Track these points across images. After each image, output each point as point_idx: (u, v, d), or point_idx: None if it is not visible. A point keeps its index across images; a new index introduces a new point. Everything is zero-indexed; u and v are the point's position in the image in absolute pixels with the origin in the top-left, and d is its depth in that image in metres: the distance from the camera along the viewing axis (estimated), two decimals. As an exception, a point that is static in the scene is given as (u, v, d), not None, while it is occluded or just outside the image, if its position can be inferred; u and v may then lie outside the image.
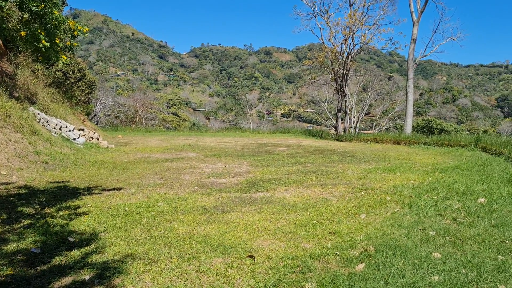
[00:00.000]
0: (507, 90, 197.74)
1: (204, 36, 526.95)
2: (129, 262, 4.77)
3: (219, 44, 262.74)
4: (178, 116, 72.09)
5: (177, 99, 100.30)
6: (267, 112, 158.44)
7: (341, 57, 33.85)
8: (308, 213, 7.04)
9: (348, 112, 40.71)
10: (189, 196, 8.56)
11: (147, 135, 30.99)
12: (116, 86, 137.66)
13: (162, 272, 4.53)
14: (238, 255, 5.01)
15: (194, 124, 63.74)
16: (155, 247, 5.33)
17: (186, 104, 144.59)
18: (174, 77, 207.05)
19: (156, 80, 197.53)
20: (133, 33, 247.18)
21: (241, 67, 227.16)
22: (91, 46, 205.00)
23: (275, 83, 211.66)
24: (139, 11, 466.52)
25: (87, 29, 6.49)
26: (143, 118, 53.62)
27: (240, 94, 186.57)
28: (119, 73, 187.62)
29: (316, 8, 34.74)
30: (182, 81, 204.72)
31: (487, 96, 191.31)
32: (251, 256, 4.95)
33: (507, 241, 5.35)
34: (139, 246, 5.34)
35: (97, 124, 38.33)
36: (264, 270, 4.56)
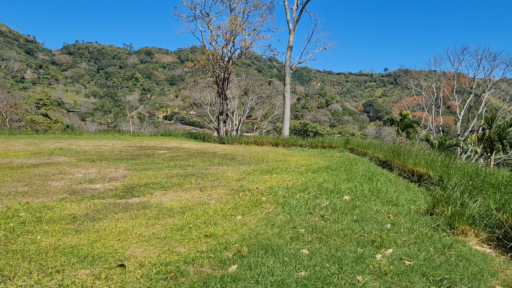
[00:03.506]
0: (371, 96, 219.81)
1: (79, 32, 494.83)
2: (-22, 282, 4.23)
3: (96, 42, 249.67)
4: (49, 117, 66.52)
5: (48, 99, 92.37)
6: (148, 115, 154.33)
7: (222, 60, 34.30)
8: (185, 217, 6.96)
9: (230, 115, 41.48)
10: (56, 204, 7.89)
11: (11, 138, 27.95)
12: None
13: (18, 290, 4.09)
14: (108, 265, 4.74)
15: (67, 126, 59.40)
16: (11, 262, 4.80)
17: (59, 104, 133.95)
18: (44, 75, 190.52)
19: (23, 78, 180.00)
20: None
21: (120, 67, 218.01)
22: None
23: (157, 84, 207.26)
24: (1, 1, 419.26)
25: None
26: (7, 120, 48.48)
27: (119, 95, 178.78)
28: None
29: (197, 11, 34.80)
30: (54, 80, 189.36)
31: (356, 102, 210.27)
32: (122, 265, 4.72)
33: (366, 234, 5.88)
34: (-8, 263, 4.76)
35: (-52, 126, 33.65)
36: (135, 279, 4.38)
